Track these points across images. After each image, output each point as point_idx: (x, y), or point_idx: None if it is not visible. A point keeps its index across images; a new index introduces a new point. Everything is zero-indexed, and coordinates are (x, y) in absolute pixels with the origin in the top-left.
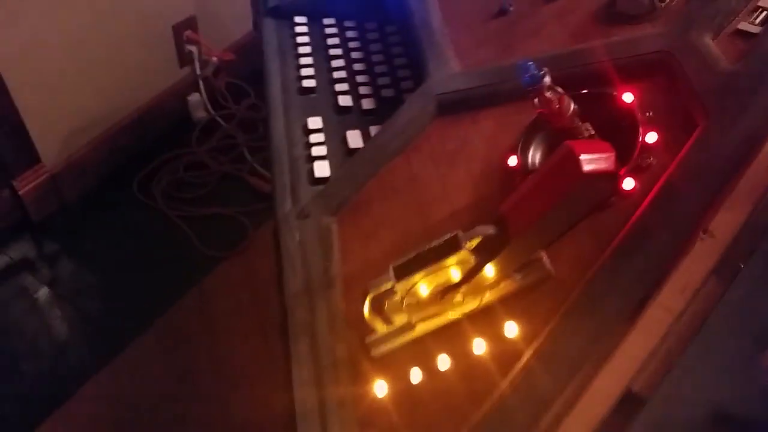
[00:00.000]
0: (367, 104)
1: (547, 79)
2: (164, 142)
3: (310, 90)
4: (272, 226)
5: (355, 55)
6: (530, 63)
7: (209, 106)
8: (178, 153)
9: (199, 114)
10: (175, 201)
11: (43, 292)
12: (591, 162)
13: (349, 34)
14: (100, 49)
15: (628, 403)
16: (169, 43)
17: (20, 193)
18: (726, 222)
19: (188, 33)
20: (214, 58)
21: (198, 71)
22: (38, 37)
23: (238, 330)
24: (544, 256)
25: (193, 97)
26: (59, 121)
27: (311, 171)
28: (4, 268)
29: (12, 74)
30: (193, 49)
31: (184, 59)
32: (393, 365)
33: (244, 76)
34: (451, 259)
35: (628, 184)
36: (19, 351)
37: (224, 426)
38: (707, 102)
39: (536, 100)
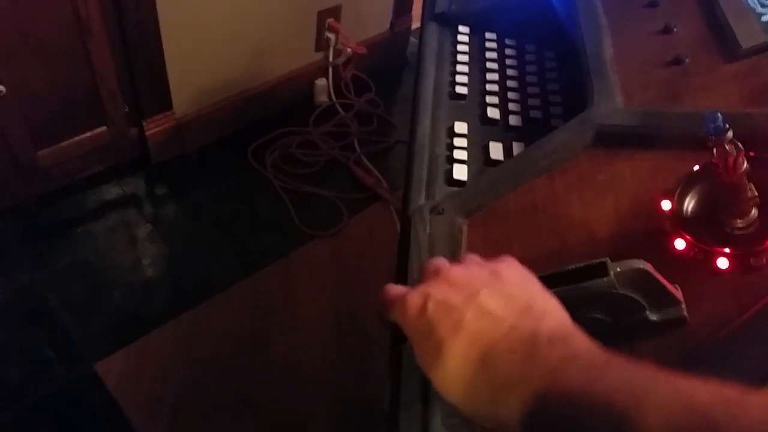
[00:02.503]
0: (513, 120)
1: (730, 133)
2: (284, 116)
3: (461, 96)
4: (365, 217)
5: (510, 72)
6: (718, 114)
7: (332, 93)
8: (294, 129)
9: (322, 98)
10: (283, 173)
11: (145, 229)
12: None
13: (508, 51)
14: (250, 17)
15: None
16: (311, 27)
17: (147, 134)
18: None
19: (331, 21)
20: (349, 49)
21: (330, 58)
22: None
23: (315, 305)
24: (683, 302)
25: (320, 81)
26: (197, 76)
27: (449, 171)
28: (115, 199)
29: (167, 24)
30: (332, 36)
31: (321, 44)
32: None
33: (370, 72)
34: (595, 284)
35: None
36: (113, 277)
37: (290, 391)
38: None
39: (715, 150)
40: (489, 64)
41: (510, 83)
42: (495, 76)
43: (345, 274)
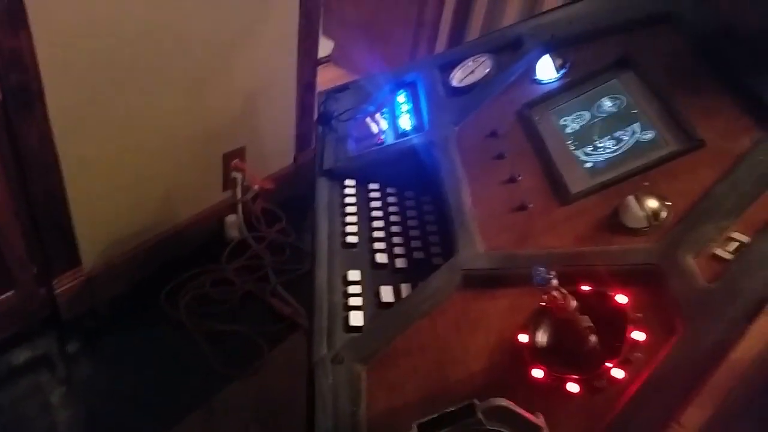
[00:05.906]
0: (400, 263)
1: (555, 282)
2: (196, 256)
3: (352, 245)
4: (286, 349)
5: (393, 218)
6: (541, 268)
7: (244, 228)
8: (207, 268)
9: (233, 233)
10: (197, 315)
11: (59, 392)
12: None
13: (390, 199)
14: (156, 167)
15: None
16: (217, 169)
17: (57, 292)
18: (695, 416)
19: (236, 162)
20: (256, 186)
21: (239, 195)
22: (102, 150)
23: None
24: (545, 428)
25: (230, 218)
26: (106, 229)
27: (347, 319)
28: (25, 362)
29: (73, 183)
30: (238, 176)
31: (228, 183)
32: None
33: (279, 203)
34: (466, 424)
35: (618, 373)
36: None
37: None
38: (685, 312)
39: (545, 296)
40: (374, 213)
41: (394, 228)
42: (381, 224)
43: (269, 410)
